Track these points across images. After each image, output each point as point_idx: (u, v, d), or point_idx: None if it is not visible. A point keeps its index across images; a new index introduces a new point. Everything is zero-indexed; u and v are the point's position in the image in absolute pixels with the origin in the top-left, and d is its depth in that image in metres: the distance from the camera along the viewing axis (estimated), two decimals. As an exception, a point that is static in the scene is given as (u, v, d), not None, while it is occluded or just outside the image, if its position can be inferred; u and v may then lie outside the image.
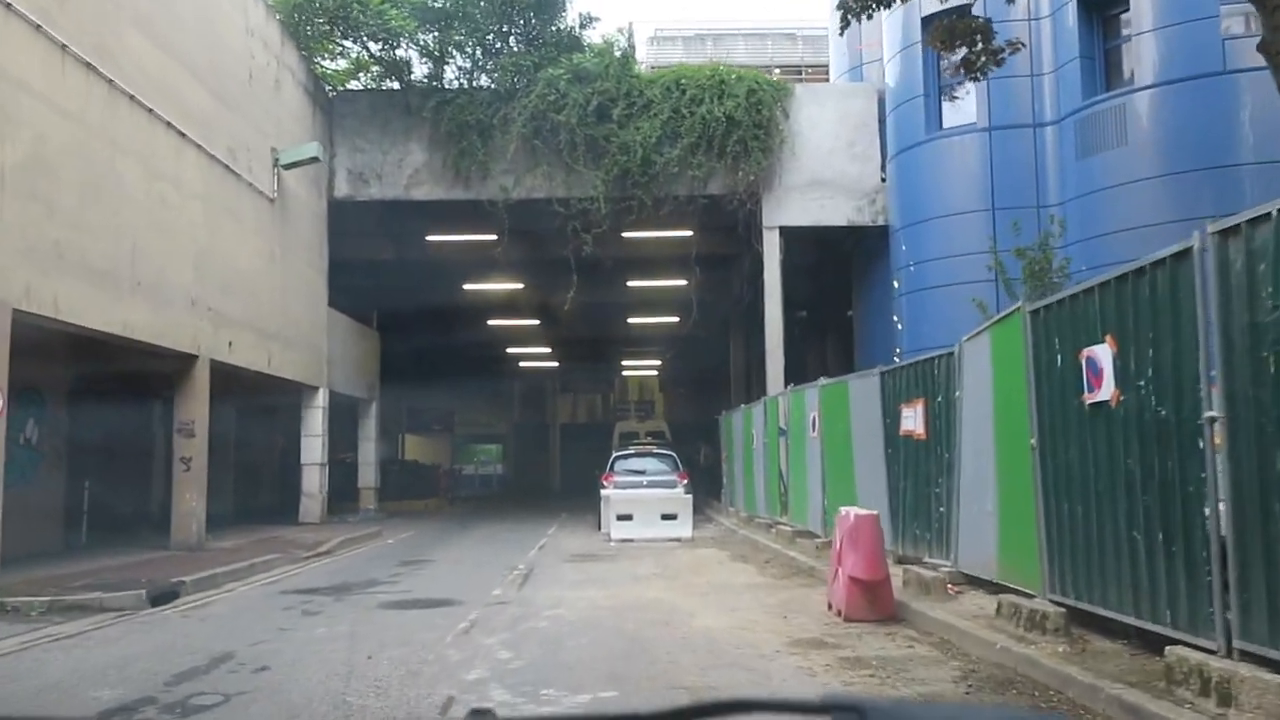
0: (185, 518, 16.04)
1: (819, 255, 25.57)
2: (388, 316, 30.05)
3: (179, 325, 15.51)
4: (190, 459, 16.07)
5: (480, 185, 23.53)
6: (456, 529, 23.25)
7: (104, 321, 13.24)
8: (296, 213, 21.01)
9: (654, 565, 14.69)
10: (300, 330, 21.24)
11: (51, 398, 16.01)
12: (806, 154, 23.82)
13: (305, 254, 21.66)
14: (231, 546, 17.06)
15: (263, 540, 18.42)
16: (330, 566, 15.48)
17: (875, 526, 9.06)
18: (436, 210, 24.99)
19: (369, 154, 23.64)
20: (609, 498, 19.54)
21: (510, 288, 32.15)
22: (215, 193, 16.85)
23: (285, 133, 20.13)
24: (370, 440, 27.51)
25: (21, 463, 15.01)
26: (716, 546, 17.63)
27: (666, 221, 24.85)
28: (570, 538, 20.11)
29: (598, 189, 23.09)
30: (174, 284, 15.32)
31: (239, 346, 17.78)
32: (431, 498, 33.32)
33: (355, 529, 21.29)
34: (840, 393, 14.52)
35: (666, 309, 35.56)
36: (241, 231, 18.03)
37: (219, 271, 16.95)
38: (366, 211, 25.45)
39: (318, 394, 22.73)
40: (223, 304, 17.10)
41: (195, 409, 16.19)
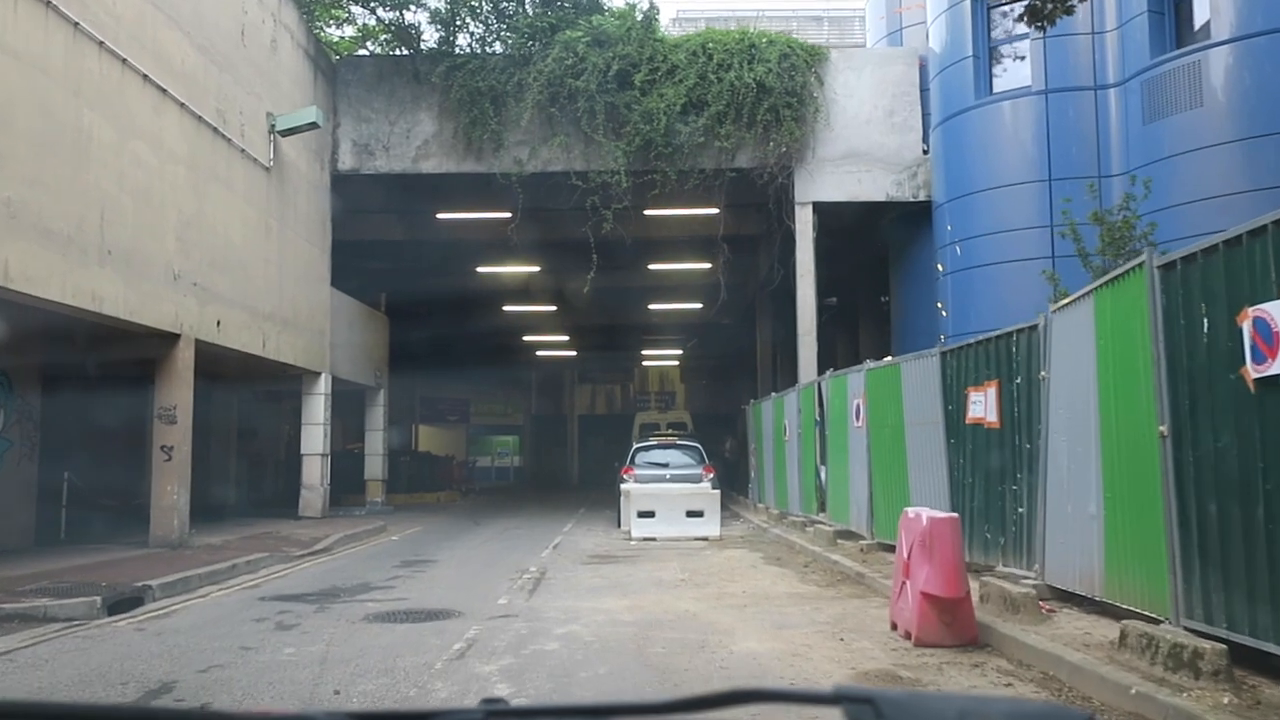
0: (166, 512, 14.64)
1: (852, 235, 23.94)
2: (397, 300, 28.66)
3: (158, 301, 14.09)
4: (172, 447, 14.67)
5: (493, 158, 22.03)
6: (467, 524, 21.81)
7: (67, 293, 11.82)
8: (295, 184, 19.57)
9: (680, 569, 13.18)
10: (300, 311, 19.82)
11: (23, 381, 14.64)
12: (842, 124, 22.20)
13: (305, 229, 20.22)
14: (218, 543, 15.67)
15: (254, 536, 17.03)
16: (323, 567, 14.05)
17: (955, 532, 7.49)
18: (447, 185, 23.52)
19: (375, 124, 22.18)
20: (629, 493, 18.02)
21: (526, 271, 30.71)
22: (202, 157, 15.42)
23: (283, 97, 18.68)
24: (378, 430, 26.10)
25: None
26: (748, 547, 16.10)
27: (691, 198, 23.33)
28: (588, 535, 18.63)
29: (619, 161, 21.57)
30: (152, 255, 13.90)
31: (229, 326, 16.37)
32: (444, 491, 31.92)
33: (358, 524, 19.88)
34: (890, 377, 12.95)
35: (689, 295, 34.03)
36: (232, 201, 16.59)
37: (206, 244, 15.52)
38: (373, 187, 24.02)
39: (320, 380, 21.31)
40: (210, 279, 15.68)
41: (178, 393, 14.77)
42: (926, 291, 21.53)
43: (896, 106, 22.38)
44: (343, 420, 33.24)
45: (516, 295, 33.84)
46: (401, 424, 41.24)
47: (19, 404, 14.54)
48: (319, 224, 21.10)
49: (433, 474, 32.17)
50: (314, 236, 20.78)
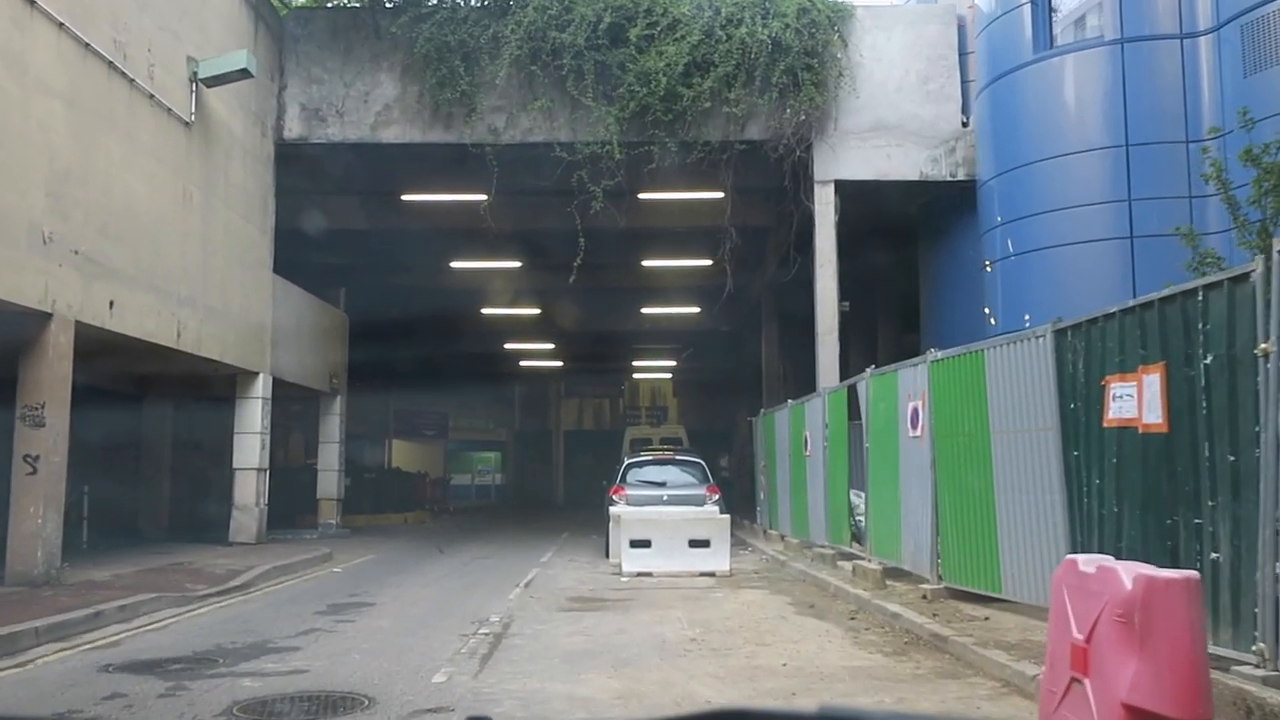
0: (27, 540, 11.43)
1: (872, 226, 20.87)
2: (362, 300, 25.56)
3: (17, 270, 10.93)
4: (38, 457, 11.48)
5: (464, 125, 18.94)
6: (429, 551, 18.61)
7: None
8: (226, 148, 16.45)
9: (688, 621, 10.05)
10: (231, 299, 16.66)
11: None
12: (869, 91, 19.21)
13: (241, 203, 17.09)
14: (103, 579, 12.47)
15: (158, 570, 13.83)
16: (224, 613, 10.86)
17: (1193, 605, 4.36)
18: (412, 160, 20.43)
19: (328, 85, 19.09)
20: (620, 517, 14.88)
21: (505, 266, 27.59)
22: (90, 96, 12.30)
23: (211, 43, 15.59)
24: (333, 443, 22.91)
25: None
26: (767, 587, 12.97)
27: (693, 176, 20.30)
28: (569, 568, 15.48)
29: (610, 129, 18.51)
30: (8, 209, 10.76)
31: (128, 309, 13.21)
32: (412, 510, 28.70)
33: (298, 551, 16.67)
34: (966, 370, 9.87)
35: (686, 297, 31.00)
36: (135, 157, 13.47)
37: (95, 205, 12.39)
38: (329, 164, 20.88)
39: (256, 381, 18.13)
40: (101, 250, 12.53)
41: (48, 388, 11.60)
42: (965, 286, 18.55)
43: (932, 72, 19.41)
44: (303, 433, 30.16)
45: (496, 296, 30.73)
46: (374, 438, 38.09)
47: None
48: (258, 199, 17.97)
49: (400, 493, 28.97)
50: (252, 213, 17.64)
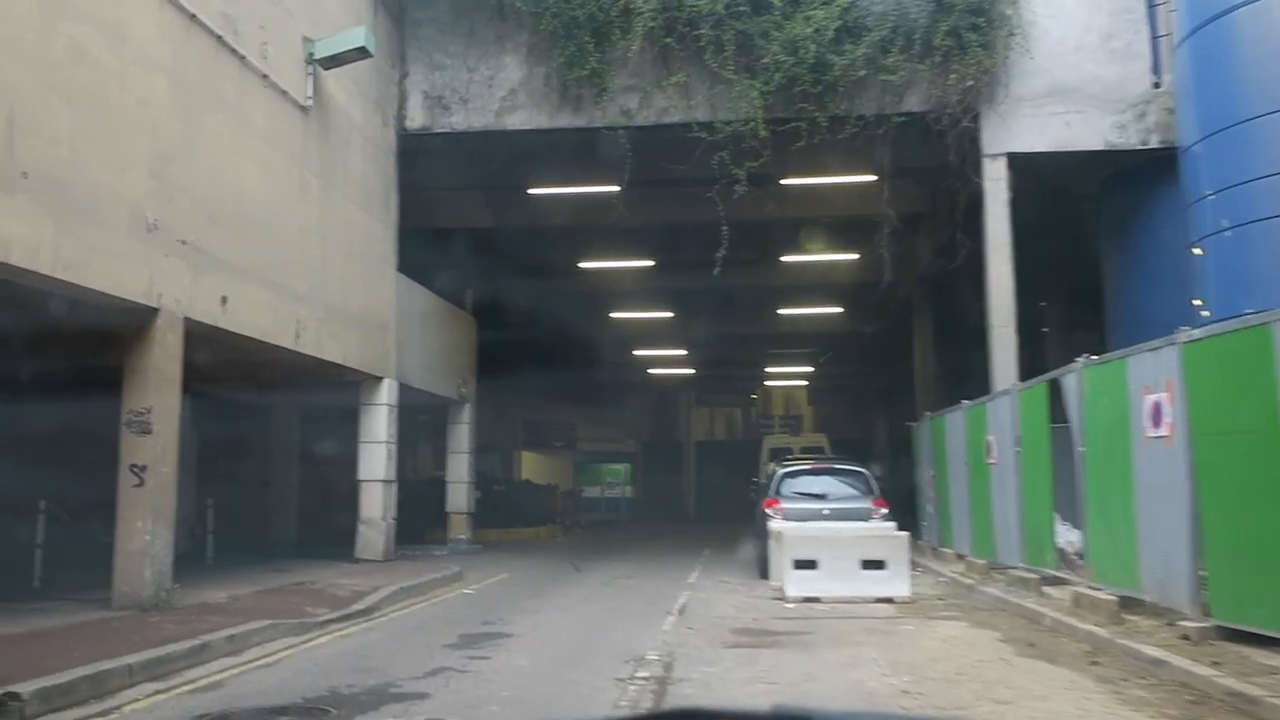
0: (134, 558, 10.35)
1: (1040, 204, 18.59)
2: (486, 303, 24.37)
3: (119, 258, 9.88)
4: (145, 467, 10.39)
5: (594, 108, 17.51)
6: (566, 570, 17.16)
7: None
8: (346, 136, 15.39)
9: (886, 663, 8.23)
10: (352, 298, 15.57)
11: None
12: (1044, 52, 17.02)
13: (361, 195, 16.02)
14: (219, 601, 11.35)
15: (277, 590, 12.68)
16: (345, 644, 9.53)
17: None
18: (539, 149, 19.14)
19: (451, 70, 17.93)
20: (782, 534, 13.09)
21: (635, 265, 26.15)
22: (196, 72, 11.25)
23: (328, 24, 14.53)
24: (463, 453, 21.76)
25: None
26: (963, 617, 11.00)
27: (844, 156, 18.44)
28: (722, 591, 13.78)
29: (753, 104, 16.83)
30: (108, 191, 9.71)
31: (241, 306, 12.13)
32: (544, 525, 27.43)
33: (427, 570, 15.42)
34: (1242, 348, 7.82)
35: (827, 296, 29.01)
36: (248, 140, 12.42)
37: (203, 190, 11.33)
38: (453, 159, 19.82)
39: (381, 387, 17.02)
40: (210, 240, 11.46)
41: (153, 391, 10.52)
42: (1163, 271, 16.19)
43: (1115, 28, 17.10)
44: (431, 444, 29.29)
45: (625, 299, 29.32)
46: (503, 450, 37.15)
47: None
48: (380, 191, 16.89)
49: (531, 506, 27.72)
50: (373, 206, 16.56)
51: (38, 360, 12.12)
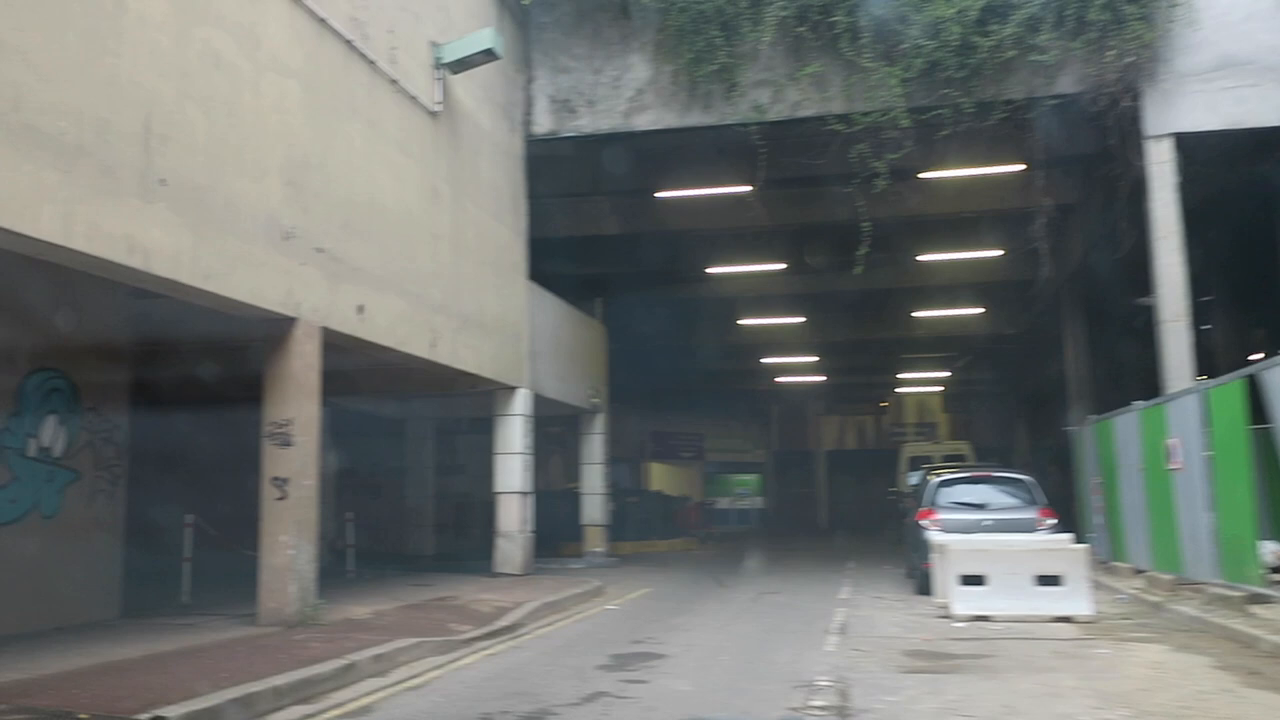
0: (278, 574, 10.12)
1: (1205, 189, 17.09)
2: (613, 311, 23.96)
3: (256, 266, 9.68)
4: (287, 480, 10.17)
5: (724, 105, 16.88)
6: (709, 585, 16.51)
7: (73, 233, 7.45)
8: (474, 143, 15.12)
9: (1094, 694, 7.30)
10: (484, 306, 15.27)
11: (99, 390, 10.57)
12: (1211, 22, 15.64)
13: (491, 202, 15.74)
14: (363, 617, 11.07)
15: (420, 606, 12.36)
16: (492, 666, 9.06)
17: None
18: (668, 151, 18.67)
19: (576, 73, 17.55)
20: (946, 548, 12.13)
21: (765, 270, 25.40)
22: (328, 77, 11.05)
23: (454, 27, 14.29)
24: (596, 464, 21.34)
25: (32, 485, 9.62)
26: (1161, 640, 9.89)
27: (989, 144, 17.46)
28: (879, 606, 12.90)
29: (893, 93, 15.94)
30: (244, 199, 9.52)
31: (378, 315, 11.88)
32: (677, 538, 26.81)
33: (567, 585, 14.94)
34: None
35: (967, 297, 27.66)
36: (380, 147, 12.19)
37: (337, 197, 11.11)
38: (578, 165, 19.51)
39: (515, 397, 16.69)
40: (346, 247, 11.24)
41: (293, 403, 10.30)
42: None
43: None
44: (563, 454, 29.02)
45: (754, 305, 28.56)
46: (630, 460, 36.72)
47: (93, 422, 10.47)
48: (509, 198, 16.59)
49: (664, 518, 27.13)
50: (503, 214, 16.26)
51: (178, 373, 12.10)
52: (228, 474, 13.26)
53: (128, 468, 10.97)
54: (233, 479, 12.99)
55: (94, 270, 8.15)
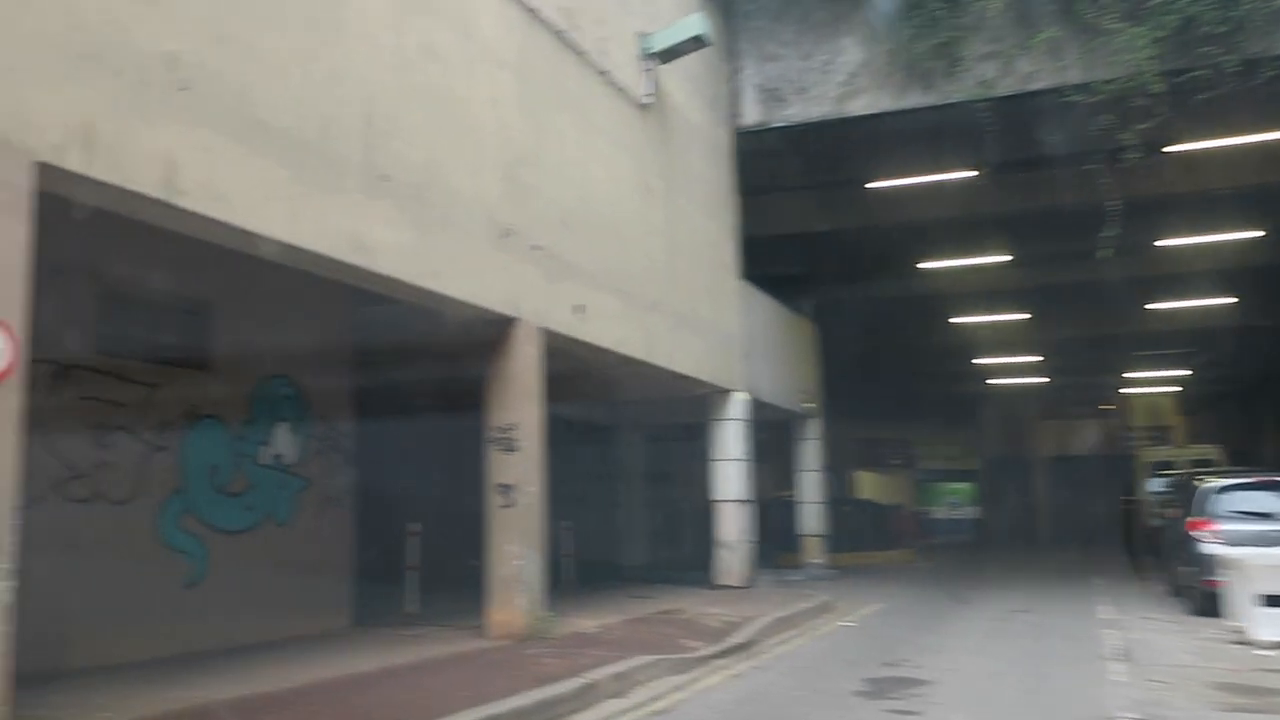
0: (506, 585, 9.72)
1: None
2: (820, 312, 22.89)
3: (478, 266, 9.33)
4: (512, 487, 9.77)
5: (946, 83, 15.66)
6: (944, 600, 15.28)
7: (300, 230, 7.22)
8: (684, 137, 14.53)
9: None
10: (698, 305, 14.63)
11: (320, 394, 10.50)
12: None
13: (701, 198, 15.11)
14: (591, 630, 10.56)
15: (645, 619, 11.77)
16: (737, 689, 8.29)
17: None
18: (880, 137, 17.50)
19: (785, 61, 16.71)
20: (1242, 564, 10.56)
21: (982, 263, 23.67)
22: (538, 67, 10.66)
23: (661, 18, 13.73)
24: (812, 471, 20.39)
25: (266, 493, 9.57)
26: None
27: (1256, 109, 15.52)
28: (1154, 630, 11.39)
29: (1140, 55, 14.33)
30: (463, 195, 9.18)
31: (595, 315, 11.40)
32: (893, 549, 25.42)
33: (793, 599, 14.05)
34: None
35: (1214, 284, 25.03)
36: (592, 141, 11.74)
37: (553, 193, 10.69)
38: (783, 157, 18.62)
39: (731, 400, 15.96)
40: (562, 245, 10.80)
41: (515, 407, 9.90)
42: None
43: None
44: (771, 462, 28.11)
45: (968, 301, 26.78)
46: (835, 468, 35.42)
47: (321, 429, 10.40)
48: (718, 194, 15.92)
49: (880, 528, 25.79)
50: (713, 210, 15.61)
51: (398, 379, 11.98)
52: (448, 481, 13.10)
53: (355, 476, 10.86)
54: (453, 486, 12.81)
55: (319, 270, 7.92)
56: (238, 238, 6.90)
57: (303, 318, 10.14)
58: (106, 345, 8.24)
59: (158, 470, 8.56)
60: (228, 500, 9.21)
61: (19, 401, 5.25)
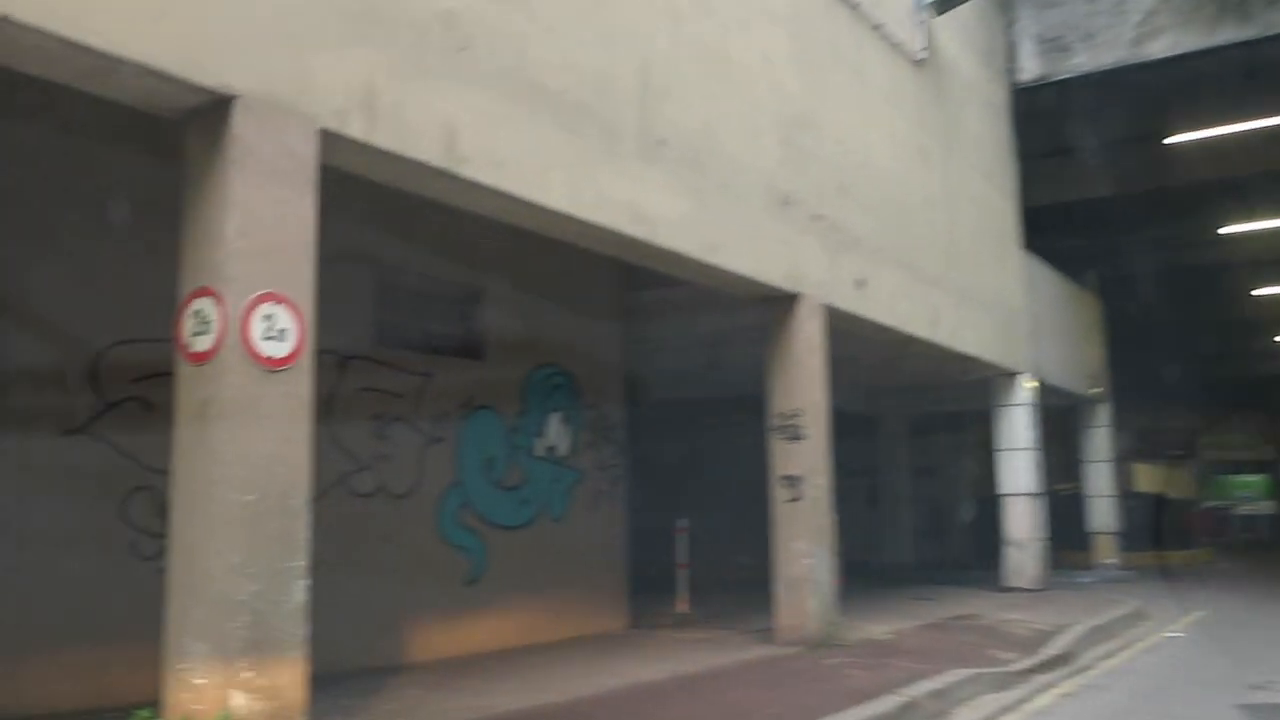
0: (794, 587, 8.88)
1: None
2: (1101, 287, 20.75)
3: (756, 238, 8.54)
4: (799, 478, 8.92)
5: (1269, 11, 13.57)
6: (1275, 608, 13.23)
7: (579, 200, 6.65)
8: (958, 95, 13.22)
9: None
10: (980, 279, 13.29)
11: (591, 383, 10.02)
12: None
13: (979, 161, 13.74)
14: (883, 636, 9.58)
15: (938, 625, 10.66)
16: (1078, 709, 7.11)
17: None
18: (1178, 84, 15.44)
19: (1068, 6, 15.02)
20: None
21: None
22: (811, 23, 9.76)
23: (931, -35, 12.50)
24: (1102, 461, 18.47)
25: (540, 486, 9.19)
26: None
27: None
28: None
29: None
30: (739, 161, 8.41)
31: (877, 290, 10.39)
32: (1188, 548, 22.79)
33: (1098, 604, 12.50)
34: None
35: None
36: (866, 101, 10.72)
37: (829, 159, 9.76)
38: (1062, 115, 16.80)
39: (1016, 384, 14.49)
40: (842, 214, 9.86)
41: (799, 391, 9.05)
42: None
43: None
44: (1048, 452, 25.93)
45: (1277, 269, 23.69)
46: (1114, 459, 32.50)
47: (593, 419, 9.92)
48: (996, 157, 14.48)
49: (1171, 526, 23.18)
50: (992, 174, 14.20)
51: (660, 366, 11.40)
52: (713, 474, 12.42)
53: (628, 468, 10.34)
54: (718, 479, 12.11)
55: (595, 245, 7.36)
56: (518, 211, 6.40)
57: (571, 303, 9.69)
58: (383, 335, 8.01)
59: (435, 463, 8.29)
60: (503, 494, 8.85)
61: (309, 387, 4.88)
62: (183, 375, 4.68)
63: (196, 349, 4.62)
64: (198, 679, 4.36)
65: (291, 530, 4.71)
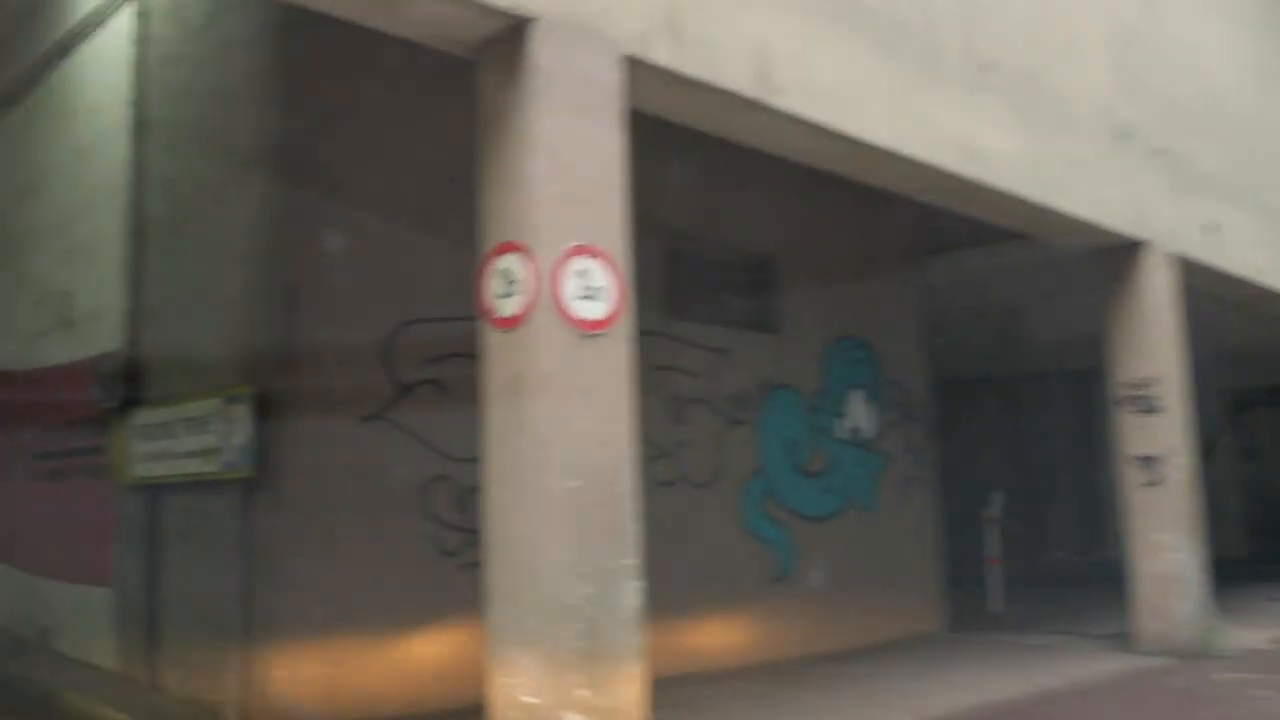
0: (1157, 585, 7.51)
1: None
2: None
3: (1095, 175, 7.27)
4: (1157, 459, 7.55)
5: None
6: None
7: (903, 133, 5.67)
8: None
9: None
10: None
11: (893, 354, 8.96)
12: None
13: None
14: (1269, 648, 8.01)
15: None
16: None
17: None
18: None
19: None
20: None
21: None
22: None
23: None
24: None
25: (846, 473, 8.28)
26: None
27: None
28: None
29: None
30: (1069, 88, 7.16)
31: (1229, 237, 8.78)
32: None
33: None
34: None
35: None
36: (1201, 14, 9.13)
37: (1165, 83, 8.29)
38: None
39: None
40: (1186, 148, 8.36)
41: (1151, 355, 7.66)
42: None
43: None
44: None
45: None
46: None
47: (897, 397, 8.85)
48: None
49: None
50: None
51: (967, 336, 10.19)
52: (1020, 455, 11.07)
53: (938, 452, 9.23)
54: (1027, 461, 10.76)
55: (919, 189, 6.39)
56: (833, 149, 5.52)
57: (863, 271, 8.70)
58: (674, 307, 7.30)
59: (736, 448, 7.51)
60: (808, 481, 7.98)
61: (628, 354, 4.17)
62: (491, 344, 4.08)
63: (504, 313, 4.01)
64: (527, 696, 3.72)
65: (619, 522, 4.02)
